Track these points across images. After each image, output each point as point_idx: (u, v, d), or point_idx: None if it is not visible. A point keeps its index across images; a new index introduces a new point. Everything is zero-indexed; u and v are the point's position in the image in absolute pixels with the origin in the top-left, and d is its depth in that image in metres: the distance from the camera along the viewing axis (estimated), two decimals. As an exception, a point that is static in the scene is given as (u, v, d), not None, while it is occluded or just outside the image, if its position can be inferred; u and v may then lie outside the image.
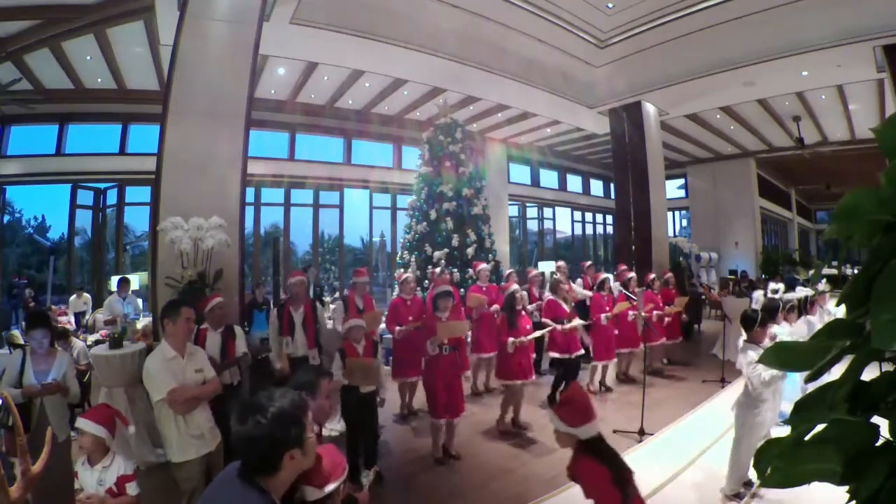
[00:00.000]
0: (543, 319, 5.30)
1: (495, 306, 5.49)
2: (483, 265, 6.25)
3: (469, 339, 5.52)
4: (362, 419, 3.61)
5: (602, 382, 6.04)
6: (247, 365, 3.55)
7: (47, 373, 2.99)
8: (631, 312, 6.14)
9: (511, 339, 4.40)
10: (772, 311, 4.03)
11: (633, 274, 6.52)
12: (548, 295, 5.54)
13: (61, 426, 3.00)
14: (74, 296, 8.14)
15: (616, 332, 6.10)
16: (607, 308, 5.83)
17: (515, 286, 4.96)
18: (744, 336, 3.44)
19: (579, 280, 7.45)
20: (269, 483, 1.25)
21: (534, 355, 5.13)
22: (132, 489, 2.19)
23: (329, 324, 4.69)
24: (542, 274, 7.04)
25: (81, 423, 2.20)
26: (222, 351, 3.54)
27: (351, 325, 3.68)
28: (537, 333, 4.81)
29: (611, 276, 6.71)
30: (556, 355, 5.29)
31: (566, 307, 5.36)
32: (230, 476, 1.27)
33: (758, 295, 8.27)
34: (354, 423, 3.61)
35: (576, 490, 1.89)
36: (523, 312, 4.73)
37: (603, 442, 1.95)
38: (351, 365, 3.43)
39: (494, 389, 5.80)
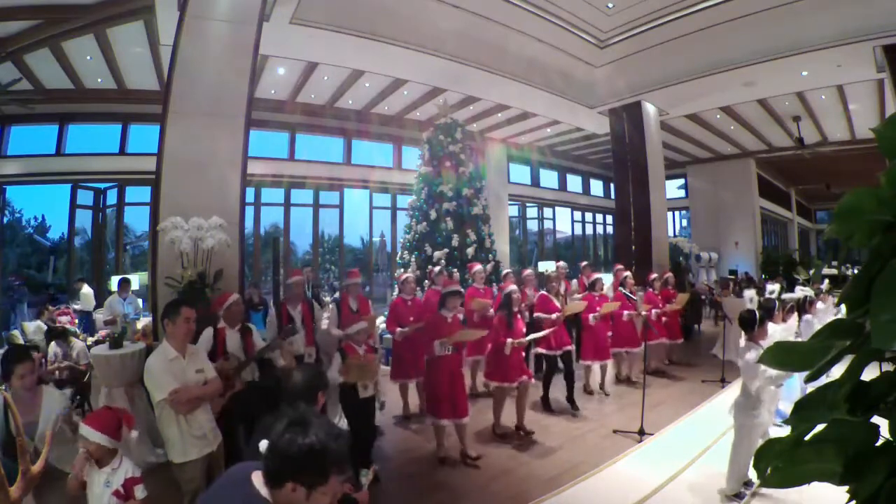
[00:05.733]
0: (536, 315, 5.29)
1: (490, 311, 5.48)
2: (477, 267, 6.19)
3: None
4: (362, 420, 3.61)
5: (601, 385, 6.01)
6: (272, 353, 3.56)
7: (35, 424, 2.49)
8: (626, 312, 6.12)
9: (510, 340, 4.38)
10: (768, 311, 4.04)
11: (628, 273, 6.50)
12: (540, 291, 5.56)
13: (64, 459, 2.47)
14: (84, 288, 8.17)
15: (610, 333, 6.09)
16: (598, 308, 5.80)
17: (513, 287, 4.94)
18: (745, 337, 3.45)
19: (574, 281, 7.45)
20: (278, 497, 1.21)
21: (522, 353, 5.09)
22: (140, 492, 2.16)
23: (324, 325, 4.68)
24: (541, 274, 7.03)
25: (84, 429, 2.15)
26: (243, 348, 3.54)
27: (355, 328, 3.68)
28: (536, 335, 4.78)
29: (608, 276, 6.71)
30: (543, 352, 5.29)
31: (557, 303, 5.37)
32: (241, 481, 1.24)
33: (749, 294, 8.30)
34: (355, 424, 3.61)
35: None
36: (518, 314, 4.71)
37: None
38: (349, 364, 3.44)
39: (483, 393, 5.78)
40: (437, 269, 6.34)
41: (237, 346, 3.49)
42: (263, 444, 1.38)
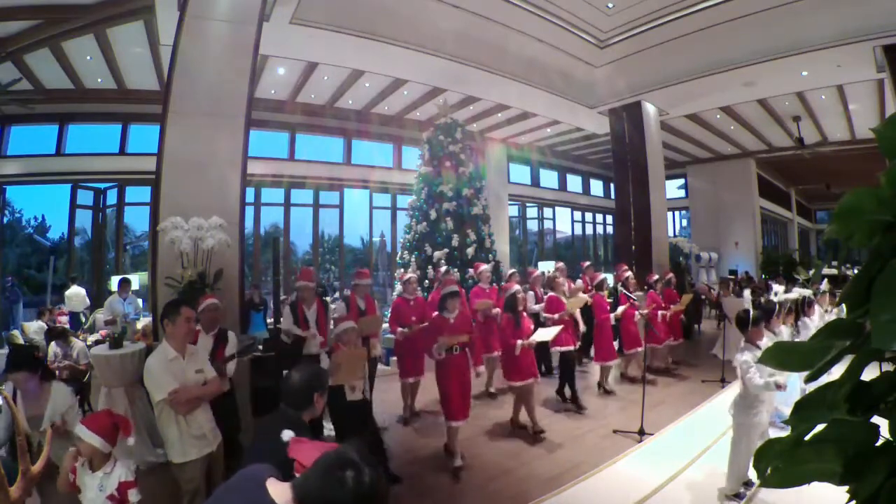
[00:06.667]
0: (546, 315, 5.30)
1: (496, 310, 5.47)
2: (484, 266, 6.21)
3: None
4: (352, 427, 3.48)
5: (602, 384, 6.01)
6: (231, 371, 3.44)
7: (41, 418, 2.64)
8: (637, 312, 6.13)
9: (520, 342, 4.39)
10: (767, 312, 4.05)
11: (629, 273, 6.51)
12: (548, 292, 5.58)
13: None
14: (70, 289, 8.18)
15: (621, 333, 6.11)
16: (607, 308, 5.81)
17: (517, 287, 4.95)
18: (744, 337, 3.46)
19: (579, 281, 7.44)
20: None
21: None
22: (133, 496, 2.16)
23: (331, 323, 4.70)
24: (543, 274, 7.04)
25: (79, 429, 2.15)
26: (212, 355, 3.47)
27: (343, 328, 3.61)
28: (547, 335, 4.75)
29: (608, 276, 6.72)
30: (564, 348, 5.32)
31: (566, 301, 5.40)
32: (255, 487, 1.18)
33: (747, 294, 8.30)
34: (343, 431, 3.54)
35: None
36: (524, 313, 4.72)
37: None
38: (337, 359, 3.34)
39: (497, 392, 5.78)
40: (443, 269, 6.33)
41: (205, 353, 3.43)
42: (287, 434, 1.35)
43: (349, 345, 3.57)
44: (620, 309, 5.93)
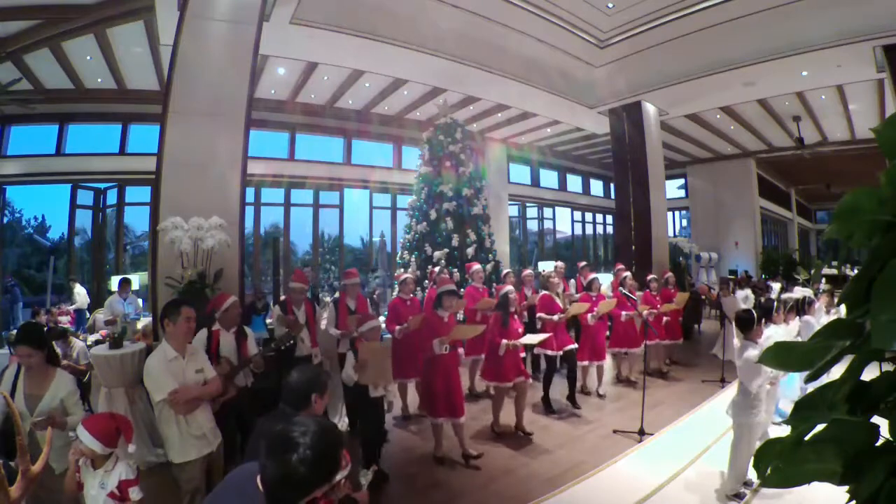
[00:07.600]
0: (539, 315, 5.28)
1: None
2: (476, 266, 6.17)
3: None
4: (367, 419, 3.60)
5: (597, 388, 5.98)
6: (259, 367, 3.47)
7: (40, 398, 2.56)
8: (624, 313, 6.10)
9: (504, 342, 4.37)
10: (766, 311, 4.05)
11: (627, 273, 6.49)
12: (541, 291, 5.55)
13: (61, 456, 2.42)
14: (76, 289, 8.20)
15: (608, 333, 6.09)
16: (594, 309, 5.78)
17: (509, 287, 4.94)
18: (741, 336, 3.46)
19: (572, 281, 7.45)
20: None
21: (523, 354, 5.05)
22: (135, 494, 2.15)
23: (322, 324, 4.69)
24: (538, 275, 7.03)
25: (80, 430, 2.14)
26: (238, 352, 3.50)
27: (369, 326, 3.67)
28: (534, 339, 4.73)
29: (607, 276, 6.71)
30: (545, 352, 5.29)
31: (560, 302, 5.35)
32: (247, 484, 1.23)
33: (742, 294, 8.30)
34: (363, 423, 3.60)
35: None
36: (515, 315, 4.70)
37: None
38: (364, 353, 3.38)
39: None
40: (437, 269, 6.33)
41: (231, 350, 3.44)
42: None
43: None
44: (604, 306, 5.76)
